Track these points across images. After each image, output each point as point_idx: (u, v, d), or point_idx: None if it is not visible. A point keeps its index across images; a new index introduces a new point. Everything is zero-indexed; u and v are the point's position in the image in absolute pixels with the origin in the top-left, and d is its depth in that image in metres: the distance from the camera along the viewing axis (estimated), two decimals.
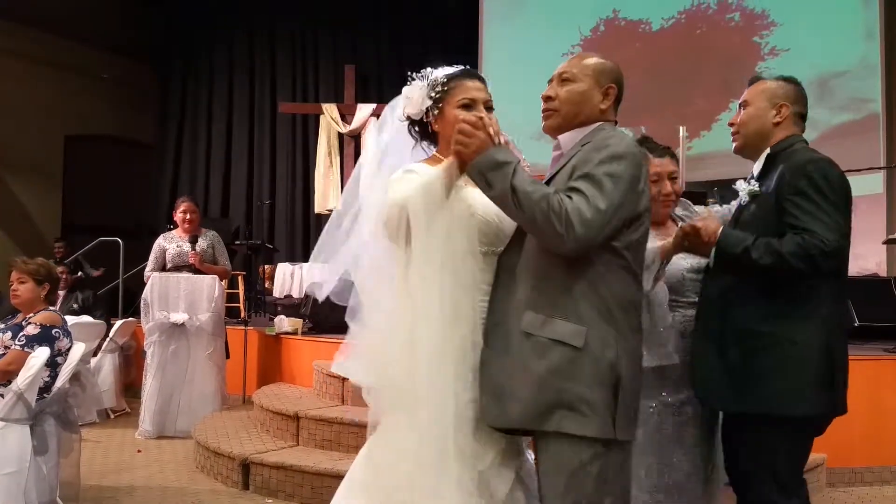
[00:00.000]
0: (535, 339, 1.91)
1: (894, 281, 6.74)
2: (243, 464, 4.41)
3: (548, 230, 1.85)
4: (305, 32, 11.13)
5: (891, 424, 4.66)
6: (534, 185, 1.89)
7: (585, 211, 1.83)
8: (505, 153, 1.95)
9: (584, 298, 1.91)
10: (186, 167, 11.47)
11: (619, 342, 1.91)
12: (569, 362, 1.88)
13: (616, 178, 1.89)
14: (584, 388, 1.87)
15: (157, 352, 5.78)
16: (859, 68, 8.02)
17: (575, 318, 1.90)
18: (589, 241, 1.85)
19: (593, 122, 2.10)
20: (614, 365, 1.89)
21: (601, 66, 2.14)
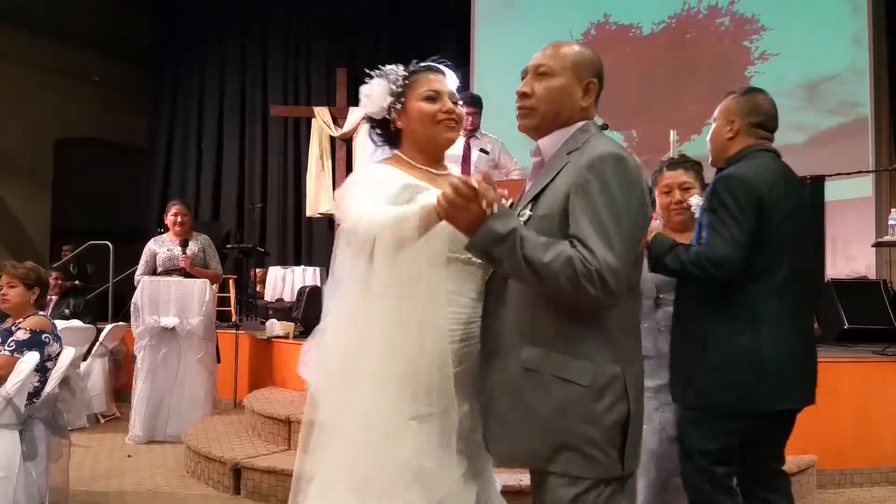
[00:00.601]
0: (537, 376, 1.77)
1: (884, 283, 6.77)
2: (234, 468, 4.40)
3: (581, 295, 1.68)
4: (297, 35, 11.14)
5: (881, 426, 4.68)
6: (548, 251, 1.69)
7: (614, 263, 1.67)
8: (504, 221, 1.74)
9: (586, 329, 1.76)
10: (177, 170, 11.45)
11: (626, 372, 1.77)
12: (576, 402, 1.74)
13: (627, 209, 1.73)
14: (591, 430, 1.73)
15: (147, 356, 5.76)
16: (848, 73, 8.07)
17: (578, 352, 1.75)
18: (624, 290, 1.72)
19: (574, 121, 1.92)
20: (622, 399, 1.75)
21: (580, 57, 1.94)
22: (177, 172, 11.44)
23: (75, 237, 9.32)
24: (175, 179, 11.39)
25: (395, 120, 2.13)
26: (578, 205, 1.72)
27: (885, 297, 6.41)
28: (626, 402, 1.75)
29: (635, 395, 1.78)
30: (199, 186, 11.28)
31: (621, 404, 1.75)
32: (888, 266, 7.77)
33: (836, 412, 4.62)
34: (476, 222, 1.75)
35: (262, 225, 10.83)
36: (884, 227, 6.55)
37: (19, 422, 3.51)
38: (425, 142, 2.12)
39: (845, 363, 4.90)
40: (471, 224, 1.76)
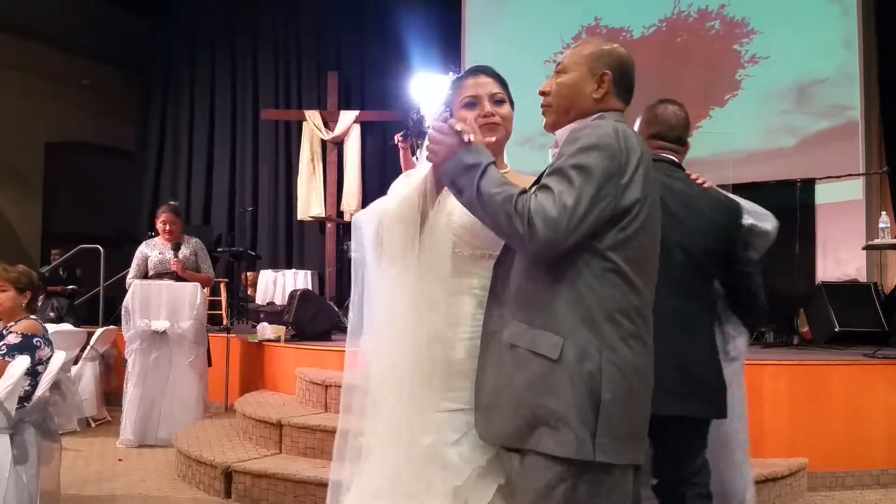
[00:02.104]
0: (517, 351, 1.79)
1: (874, 286, 6.81)
2: (226, 472, 4.38)
3: (511, 232, 1.73)
4: (288, 39, 11.12)
5: (871, 428, 4.70)
6: (500, 187, 1.75)
7: (550, 209, 1.68)
8: (475, 155, 1.82)
9: (565, 306, 1.75)
10: (168, 174, 11.42)
11: (602, 353, 1.72)
12: (544, 375, 1.74)
13: (586, 169, 1.72)
14: (559, 404, 1.71)
15: (138, 360, 5.74)
16: (838, 76, 8.11)
17: (554, 328, 1.75)
18: (555, 243, 1.70)
19: (590, 113, 1.94)
20: (593, 378, 1.70)
21: (596, 52, 1.98)
22: (167, 176, 11.41)
23: (66, 241, 9.27)
24: (166, 183, 11.36)
25: None
26: (553, 165, 1.79)
27: (875, 299, 6.45)
28: (599, 380, 1.70)
29: (618, 379, 1.72)
30: (190, 190, 11.24)
31: (594, 380, 1.70)
32: (878, 269, 7.81)
33: (827, 415, 4.64)
34: (451, 154, 1.84)
35: (253, 228, 10.81)
36: (874, 229, 6.59)
37: (10, 426, 3.49)
38: None
39: (836, 366, 4.92)
40: (447, 156, 1.84)
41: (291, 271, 9.96)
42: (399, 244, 1.96)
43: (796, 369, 4.78)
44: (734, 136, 8.39)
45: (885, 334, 6.09)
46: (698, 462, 2.53)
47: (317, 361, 5.88)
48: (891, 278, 7.72)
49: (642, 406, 1.80)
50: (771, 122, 8.35)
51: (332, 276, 9.85)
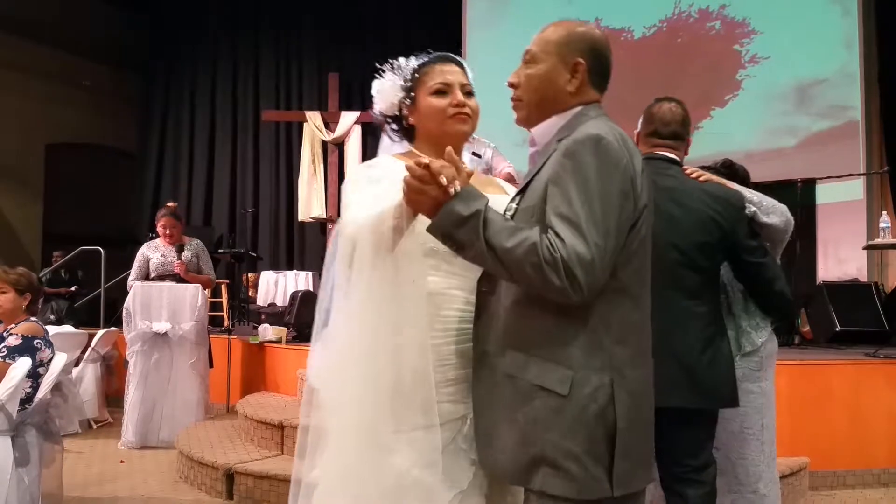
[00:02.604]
0: (517, 383, 1.63)
1: (875, 286, 6.81)
2: (227, 473, 4.38)
3: (547, 287, 1.52)
4: (289, 40, 11.14)
5: (873, 428, 4.70)
6: (513, 236, 1.55)
7: (584, 253, 1.50)
8: (467, 202, 1.59)
9: (573, 335, 1.59)
10: (168, 175, 11.43)
11: (615, 381, 1.58)
12: (553, 412, 1.58)
13: (606, 195, 1.55)
14: (570, 442, 1.56)
15: (139, 361, 5.74)
16: (839, 76, 8.11)
17: (559, 359, 1.59)
18: (597, 285, 1.54)
19: (569, 107, 1.76)
20: (606, 411, 1.57)
21: (566, 37, 1.77)
22: (168, 177, 11.43)
23: (67, 242, 9.28)
24: (166, 184, 11.37)
25: (407, 116, 2.02)
26: (553, 192, 1.58)
27: (876, 299, 6.45)
28: (613, 412, 1.57)
29: (630, 405, 1.60)
30: (191, 191, 11.26)
31: (607, 415, 1.57)
32: (879, 268, 7.81)
33: (828, 414, 4.64)
34: (437, 205, 1.60)
35: (254, 229, 10.82)
36: (875, 229, 6.59)
37: (11, 428, 3.49)
38: (438, 138, 1.97)
39: (837, 365, 4.92)
40: (432, 208, 1.61)
41: (292, 272, 9.96)
42: (369, 260, 1.77)
43: (797, 369, 4.77)
44: (735, 136, 8.39)
45: (885, 334, 6.09)
46: (702, 458, 2.51)
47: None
48: (892, 278, 7.72)
49: (649, 426, 1.69)
50: (771, 123, 8.35)
51: None
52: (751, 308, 2.73)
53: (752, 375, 2.71)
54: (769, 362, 2.79)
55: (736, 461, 2.71)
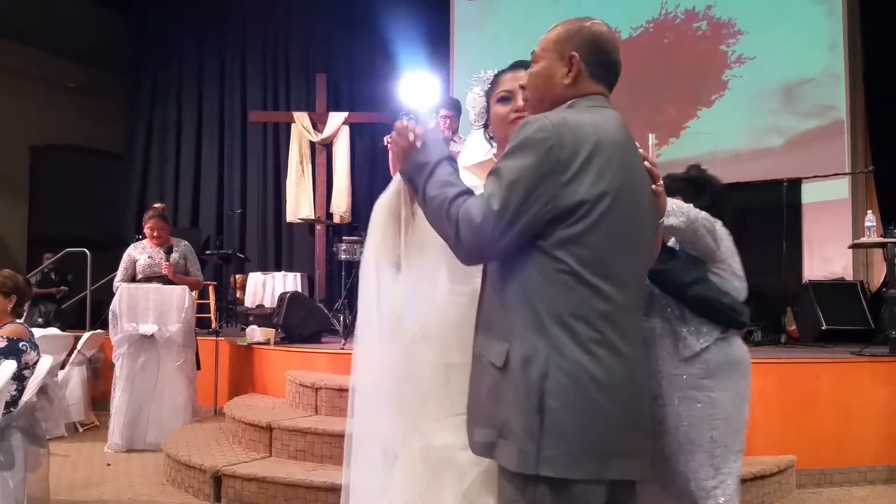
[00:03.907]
0: (481, 360, 1.74)
1: (861, 284, 6.86)
2: (215, 476, 4.36)
3: (444, 237, 1.69)
4: (276, 40, 11.10)
5: (859, 426, 4.73)
6: (441, 189, 1.70)
7: (475, 215, 1.61)
8: (424, 153, 1.78)
9: (515, 311, 1.66)
10: (155, 177, 11.36)
11: (550, 359, 1.60)
12: (495, 384, 1.67)
13: (517, 170, 1.62)
14: (507, 413, 1.64)
15: (126, 364, 5.71)
16: (824, 76, 8.16)
17: (501, 333, 1.68)
18: (479, 249, 1.65)
19: (563, 101, 1.80)
20: (538, 386, 1.60)
21: (563, 33, 1.83)
22: (155, 179, 11.36)
23: (52, 244, 9.24)
24: (153, 186, 11.30)
25: (489, 123, 2.18)
26: None
27: (861, 297, 6.50)
28: (544, 389, 1.60)
29: (568, 387, 1.60)
30: (178, 192, 11.19)
31: (539, 391, 1.60)
32: (864, 267, 7.86)
33: (815, 412, 4.67)
34: (405, 153, 1.81)
35: (241, 231, 10.77)
36: (860, 228, 6.63)
37: None
38: (504, 142, 1.99)
39: (824, 363, 4.95)
40: (402, 156, 1.82)
41: (280, 273, 9.93)
42: (380, 230, 2.02)
43: (784, 367, 4.80)
44: (721, 136, 8.41)
45: (871, 332, 6.13)
46: None
47: (307, 364, 5.87)
48: (877, 276, 7.77)
49: (606, 417, 1.63)
50: (758, 122, 8.39)
51: (322, 278, 9.82)
52: (686, 315, 2.70)
53: (698, 384, 2.63)
54: (723, 371, 2.67)
55: (682, 474, 2.62)
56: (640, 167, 1.80)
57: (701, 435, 2.61)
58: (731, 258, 2.77)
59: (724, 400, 2.66)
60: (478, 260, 1.71)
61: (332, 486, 3.94)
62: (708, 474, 2.60)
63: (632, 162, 1.75)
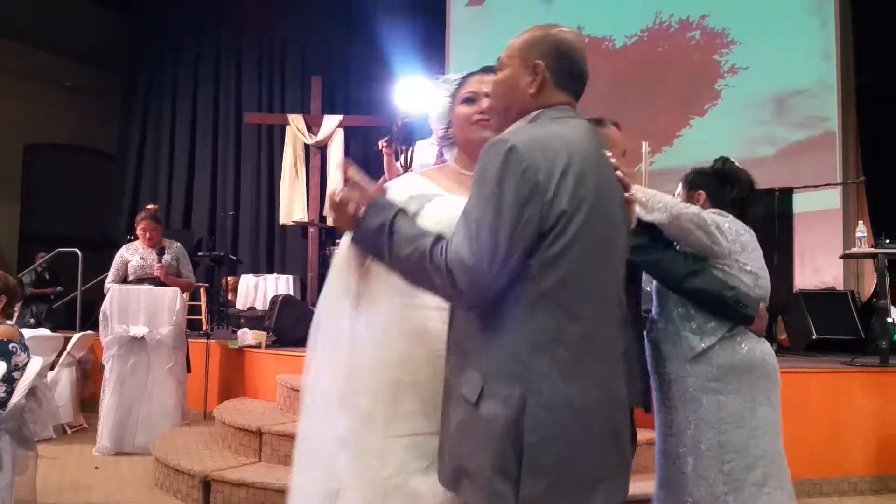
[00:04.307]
0: (453, 390, 1.64)
1: (851, 294, 6.88)
2: (204, 481, 4.34)
3: (436, 291, 1.58)
4: (272, 42, 11.09)
5: (848, 436, 4.74)
6: (411, 244, 1.56)
7: (466, 257, 1.49)
8: (376, 215, 1.62)
9: (489, 339, 1.57)
10: (148, 177, 11.34)
11: (528, 394, 1.52)
12: (469, 420, 1.57)
13: (498, 199, 1.51)
14: (480, 454, 1.54)
15: (115, 366, 5.68)
16: (817, 87, 8.21)
17: (476, 365, 1.58)
18: (481, 292, 1.53)
19: (528, 111, 1.72)
20: (513, 424, 1.51)
21: (529, 40, 1.75)
22: (148, 179, 11.33)
23: (44, 244, 9.20)
24: (146, 186, 11.28)
25: (450, 126, 2.05)
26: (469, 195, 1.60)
27: (852, 307, 6.52)
28: (520, 428, 1.51)
29: (546, 420, 1.52)
30: (171, 193, 11.17)
31: (515, 428, 1.51)
32: (855, 277, 7.90)
33: (805, 422, 4.67)
34: (351, 222, 1.66)
35: (234, 232, 10.75)
36: (851, 238, 6.66)
37: None
38: (466, 146, 2.00)
39: (814, 373, 4.96)
40: (349, 225, 1.67)
41: (273, 276, 9.91)
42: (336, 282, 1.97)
43: None
44: (714, 144, 8.43)
45: (861, 342, 6.15)
46: None
47: (298, 368, 5.84)
48: (867, 286, 7.80)
49: (587, 443, 1.57)
50: (750, 132, 8.42)
51: (314, 281, 9.79)
52: (690, 312, 2.63)
53: (706, 386, 2.57)
54: (732, 374, 2.59)
55: (692, 477, 2.58)
56: (611, 177, 1.72)
57: (708, 438, 2.55)
58: (741, 254, 2.65)
59: (735, 403, 2.57)
60: (480, 304, 1.56)
61: None
62: (717, 479, 2.53)
63: (603, 173, 1.68)
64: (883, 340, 5.19)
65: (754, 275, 2.67)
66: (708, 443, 2.55)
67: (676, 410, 2.62)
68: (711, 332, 2.59)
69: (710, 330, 2.60)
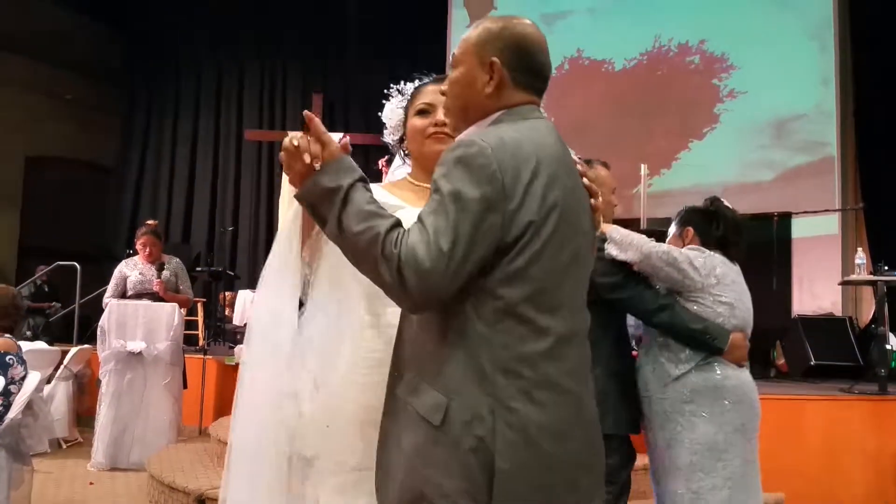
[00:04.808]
0: (408, 408, 1.50)
1: (850, 320, 6.89)
2: (199, 499, 4.31)
3: (380, 283, 1.44)
4: (274, 60, 11.16)
5: (847, 464, 4.73)
6: (365, 222, 1.43)
7: (423, 258, 1.37)
8: (335, 175, 1.50)
9: (452, 359, 1.45)
10: (148, 191, 11.36)
11: (496, 414, 1.42)
12: (431, 443, 1.44)
13: (462, 202, 1.40)
14: (445, 479, 1.42)
15: (112, 381, 5.65)
16: (816, 112, 8.27)
17: (440, 384, 1.45)
18: (430, 297, 1.41)
19: (488, 113, 1.59)
20: (483, 447, 1.41)
21: (483, 35, 1.60)
22: (148, 194, 11.36)
23: (43, 256, 9.20)
24: (146, 201, 11.30)
25: (405, 138, 1.97)
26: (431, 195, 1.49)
27: (850, 333, 6.53)
28: (490, 450, 1.41)
29: (517, 443, 1.43)
30: (171, 208, 11.19)
31: (485, 452, 1.41)
32: (854, 303, 7.91)
33: (803, 449, 4.67)
34: (302, 177, 1.53)
35: (232, 248, 10.76)
36: (850, 265, 6.68)
37: None
38: (420, 159, 1.92)
39: (812, 400, 4.96)
40: (298, 181, 1.54)
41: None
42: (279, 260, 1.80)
43: (772, 403, 4.79)
44: (712, 168, 8.50)
45: (859, 368, 6.15)
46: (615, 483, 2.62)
47: None
48: (865, 313, 7.81)
49: (559, 465, 1.47)
50: (749, 156, 8.47)
51: None
52: (668, 341, 2.78)
53: (680, 408, 2.71)
54: (704, 397, 2.70)
55: (663, 495, 2.75)
56: (578, 182, 1.60)
57: (679, 457, 2.69)
58: (715, 287, 2.78)
59: (705, 427, 2.69)
60: (428, 308, 1.45)
61: None
62: (685, 497, 2.67)
63: (571, 178, 1.57)
64: (882, 368, 5.19)
65: (729, 305, 2.79)
66: (679, 461, 2.69)
67: (655, 430, 2.77)
68: (686, 361, 2.75)
69: (685, 358, 2.75)
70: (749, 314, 2.87)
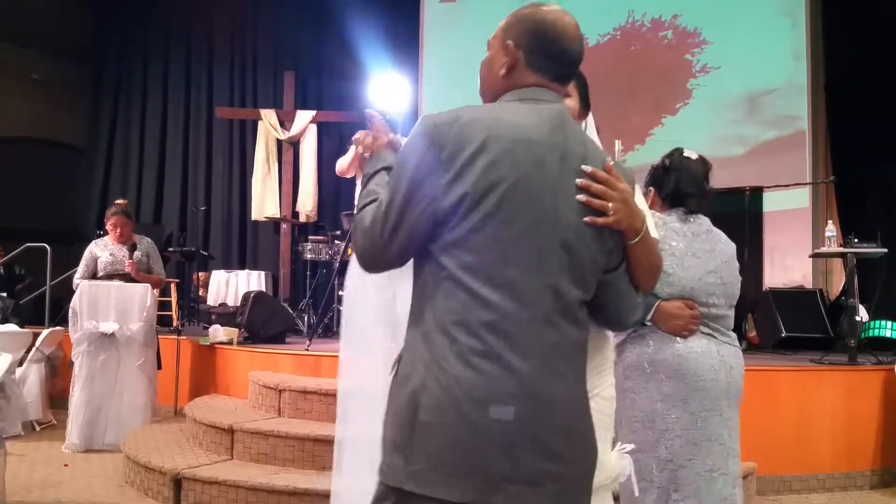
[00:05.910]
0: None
1: (820, 293, 6.99)
2: (175, 479, 4.30)
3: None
4: (244, 36, 10.99)
5: (817, 433, 4.82)
6: (366, 198, 1.65)
7: (367, 219, 1.59)
8: (372, 163, 1.79)
9: (411, 314, 1.61)
10: (118, 171, 11.17)
11: (430, 370, 1.49)
12: (389, 395, 1.60)
13: (399, 170, 1.58)
14: (388, 425, 1.56)
15: (85, 362, 5.61)
16: (787, 86, 8.32)
17: (404, 339, 1.62)
18: (370, 255, 1.61)
19: (500, 94, 1.69)
20: (413, 400, 1.50)
21: (509, 21, 1.72)
22: (117, 173, 11.17)
23: (11, 238, 9.03)
24: (116, 180, 11.12)
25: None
26: None
27: (821, 306, 6.62)
28: (418, 400, 1.49)
29: (442, 401, 1.47)
30: (141, 188, 11.02)
31: (415, 402, 1.49)
32: (824, 276, 8.02)
33: (774, 419, 4.75)
34: (359, 163, 1.89)
35: (205, 228, 10.63)
36: (820, 237, 6.76)
37: None
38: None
39: (783, 371, 5.03)
40: (358, 165, 1.91)
41: (245, 272, 9.83)
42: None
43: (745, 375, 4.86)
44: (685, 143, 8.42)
45: (830, 340, 6.25)
46: None
47: (270, 365, 5.82)
48: (836, 285, 7.93)
49: (488, 436, 1.46)
50: (721, 131, 8.51)
51: (287, 277, 9.75)
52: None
53: (621, 384, 2.49)
54: (638, 372, 2.58)
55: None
56: (558, 167, 1.57)
57: (622, 437, 2.45)
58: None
59: (644, 403, 2.56)
60: (372, 266, 1.63)
61: (295, 489, 3.92)
62: (625, 488, 2.42)
63: (545, 160, 1.55)
64: (851, 339, 5.27)
65: (664, 273, 2.46)
66: (622, 441, 2.44)
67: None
68: (616, 335, 2.48)
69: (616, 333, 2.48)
70: (688, 283, 2.60)
